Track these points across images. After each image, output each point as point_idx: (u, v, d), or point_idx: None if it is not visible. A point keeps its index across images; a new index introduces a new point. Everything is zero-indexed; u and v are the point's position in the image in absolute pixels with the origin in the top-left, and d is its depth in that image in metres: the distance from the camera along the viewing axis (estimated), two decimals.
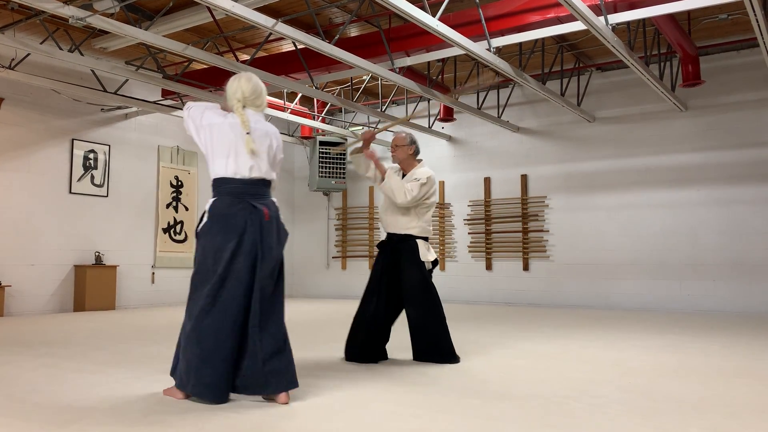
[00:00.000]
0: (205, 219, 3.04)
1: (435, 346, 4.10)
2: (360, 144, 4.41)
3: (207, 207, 3.05)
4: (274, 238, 3.03)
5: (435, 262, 4.24)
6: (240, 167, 3.02)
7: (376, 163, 4.29)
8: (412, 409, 2.82)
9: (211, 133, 3.05)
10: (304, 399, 2.99)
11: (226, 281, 2.92)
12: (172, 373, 3.07)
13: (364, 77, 9.62)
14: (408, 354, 4.21)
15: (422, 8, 5.47)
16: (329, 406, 2.87)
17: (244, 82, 3.12)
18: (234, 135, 3.02)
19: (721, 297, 8.25)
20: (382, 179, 4.21)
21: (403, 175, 4.33)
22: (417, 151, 4.38)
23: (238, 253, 2.94)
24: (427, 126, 10.34)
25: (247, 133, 3.01)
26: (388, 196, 4.18)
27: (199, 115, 3.11)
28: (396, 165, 4.43)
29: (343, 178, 11.29)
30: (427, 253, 4.19)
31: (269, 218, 3.02)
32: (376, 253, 4.36)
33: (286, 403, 2.88)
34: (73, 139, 8.67)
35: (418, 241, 4.19)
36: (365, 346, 4.10)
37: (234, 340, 2.89)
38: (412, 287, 4.12)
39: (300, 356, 4.39)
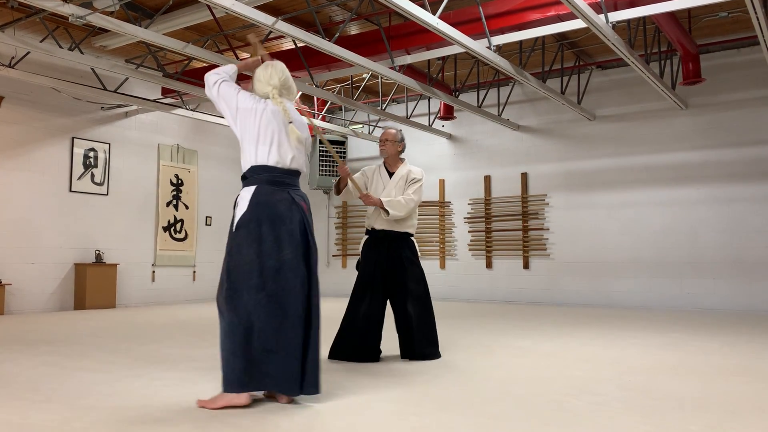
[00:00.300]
0: (243, 208, 2.88)
1: (432, 342, 4.18)
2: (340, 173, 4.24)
3: (246, 195, 2.89)
4: (312, 232, 2.99)
5: None
6: (283, 156, 2.95)
7: (370, 200, 4.10)
8: (413, 407, 2.82)
9: (249, 118, 2.95)
10: (305, 397, 2.99)
11: (280, 273, 2.81)
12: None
13: (364, 75, 9.62)
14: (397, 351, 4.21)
15: (422, 6, 5.47)
16: (331, 404, 2.87)
17: (279, 70, 3.11)
18: (277, 123, 2.96)
19: (721, 295, 8.25)
20: (385, 212, 4.10)
21: (390, 173, 4.32)
22: (404, 149, 4.39)
23: (284, 245, 2.84)
24: (427, 124, 10.33)
25: (290, 122, 2.97)
26: (399, 218, 4.13)
27: (233, 96, 3.00)
28: (371, 168, 4.41)
29: None
30: (418, 250, 4.34)
31: (308, 211, 3.00)
32: (360, 250, 4.34)
33: (289, 402, 2.88)
34: (73, 138, 8.66)
35: (413, 239, 4.29)
36: (361, 345, 4.07)
37: (300, 333, 2.80)
38: (415, 285, 4.16)
39: None
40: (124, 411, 2.75)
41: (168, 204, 9.82)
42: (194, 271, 10.10)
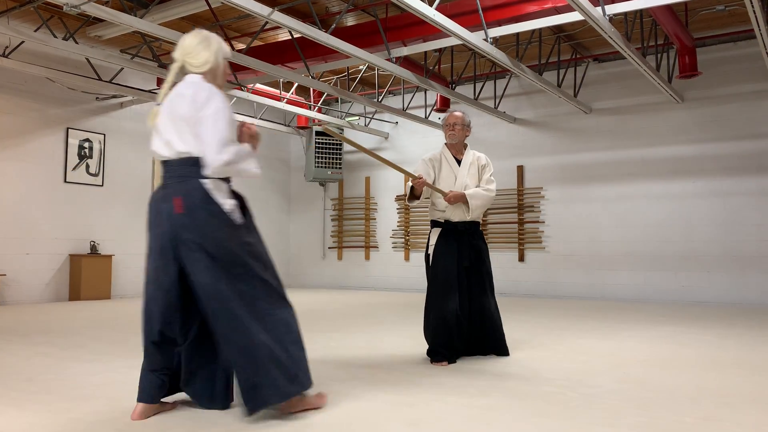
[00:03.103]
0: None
1: (502, 336, 3.98)
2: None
3: None
4: (181, 235, 2.45)
5: None
6: (158, 148, 2.57)
7: (454, 199, 3.86)
8: (407, 398, 2.83)
9: None
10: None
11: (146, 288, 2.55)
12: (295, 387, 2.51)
13: (361, 67, 9.59)
14: (396, 346, 4.22)
15: None
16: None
17: (185, 38, 2.60)
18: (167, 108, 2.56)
19: (716, 288, 8.29)
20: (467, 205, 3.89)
21: (457, 160, 4.03)
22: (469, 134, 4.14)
23: (149, 255, 2.55)
24: (423, 116, 10.32)
25: (158, 104, 2.55)
26: (477, 211, 3.93)
27: None
28: (434, 157, 4.04)
29: (340, 168, 11.28)
30: None
31: (183, 207, 2.46)
32: (432, 243, 3.94)
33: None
34: (68, 128, 8.62)
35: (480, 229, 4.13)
36: (457, 342, 3.79)
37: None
38: (488, 277, 3.99)
39: None
40: (120, 401, 2.75)
41: None
42: None
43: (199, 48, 2.55)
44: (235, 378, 2.48)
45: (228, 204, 2.51)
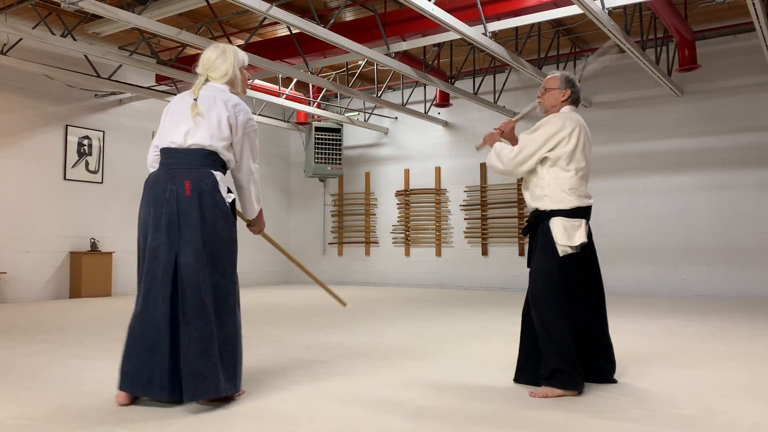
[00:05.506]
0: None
1: (550, 360, 2.84)
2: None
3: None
4: (187, 215, 2.63)
5: (585, 246, 3.09)
6: (171, 137, 2.74)
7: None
8: (408, 391, 2.83)
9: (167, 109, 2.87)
10: (295, 385, 3.00)
11: (146, 259, 2.68)
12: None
13: (360, 62, 9.57)
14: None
15: None
16: (328, 386, 2.89)
17: (204, 55, 2.91)
18: (181, 106, 2.79)
19: (716, 281, 8.29)
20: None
21: None
22: (574, 100, 3.17)
23: (150, 230, 2.67)
24: (423, 111, 10.31)
25: (195, 99, 2.75)
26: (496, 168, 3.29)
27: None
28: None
29: (339, 164, 11.27)
30: (564, 234, 3.03)
31: (191, 191, 2.65)
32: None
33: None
34: (67, 125, 8.61)
35: (553, 219, 3.09)
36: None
37: (163, 328, 2.66)
38: (532, 281, 3.13)
39: (296, 342, 4.42)
40: None
41: None
42: None
43: (219, 62, 2.86)
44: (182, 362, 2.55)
45: (229, 198, 2.77)
